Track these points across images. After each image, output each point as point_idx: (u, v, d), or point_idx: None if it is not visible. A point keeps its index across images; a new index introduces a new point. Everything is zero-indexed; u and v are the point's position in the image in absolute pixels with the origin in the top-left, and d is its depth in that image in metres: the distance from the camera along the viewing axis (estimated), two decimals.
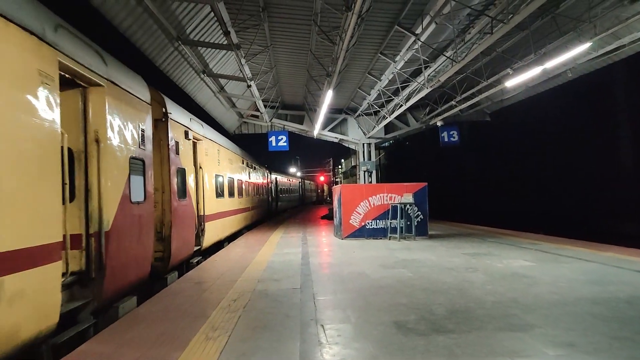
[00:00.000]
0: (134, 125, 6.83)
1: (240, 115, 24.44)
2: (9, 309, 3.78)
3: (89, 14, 10.05)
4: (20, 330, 3.96)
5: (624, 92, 20.79)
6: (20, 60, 4.12)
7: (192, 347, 4.32)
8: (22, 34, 4.18)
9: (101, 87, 5.84)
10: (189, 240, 9.97)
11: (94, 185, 5.70)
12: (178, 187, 9.19)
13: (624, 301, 5.60)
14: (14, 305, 3.84)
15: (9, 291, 3.78)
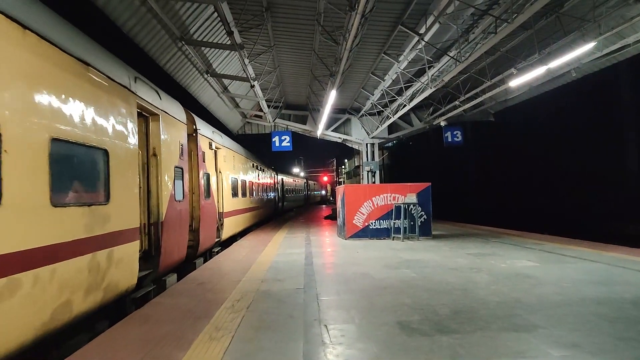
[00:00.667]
0: (176, 141, 8.83)
1: (243, 115, 24.48)
2: (115, 269, 5.82)
3: (93, 14, 10.07)
4: (120, 284, 6.01)
5: (628, 92, 20.69)
6: (120, 104, 6.20)
7: (195, 347, 4.33)
8: (121, 88, 6.31)
9: (157, 115, 7.84)
10: (212, 232, 11.76)
11: (154, 187, 7.75)
12: (205, 188, 10.99)
13: (629, 302, 5.57)
14: (118, 267, 5.90)
15: (115, 258, 5.82)
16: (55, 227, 4.56)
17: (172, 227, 8.26)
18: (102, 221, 5.57)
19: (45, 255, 4.33)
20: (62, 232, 4.67)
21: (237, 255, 11.07)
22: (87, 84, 5.35)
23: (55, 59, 4.71)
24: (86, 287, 5.13)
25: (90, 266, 5.23)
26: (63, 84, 4.82)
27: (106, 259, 5.62)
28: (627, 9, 12.13)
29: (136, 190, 6.67)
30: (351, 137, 25.54)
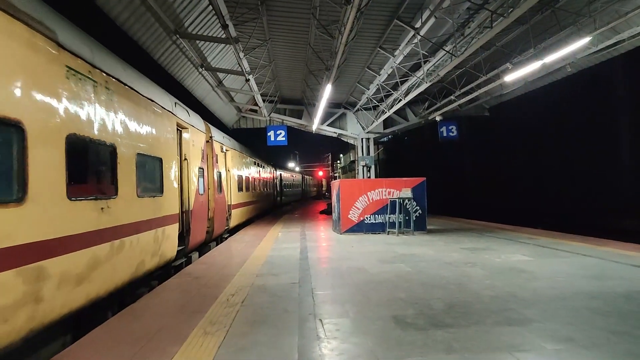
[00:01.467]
0: (199, 147, 11.13)
1: (238, 109, 24.37)
2: (165, 242, 8.08)
3: (87, 7, 9.97)
4: (167, 253, 8.29)
5: (623, 87, 20.77)
6: (168, 124, 8.52)
7: (190, 341, 4.32)
8: (169, 113, 8.62)
9: (187, 129, 10.01)
10: (223, 221, 14.13)
11: (185, 184, 9.76)
12: (218, 185, 13.27)
13: (622, 296, 5.61)
14: (166, 241, 8.15)
15: (166, 234, 8.09)
16: (140, 210, 6.96)
17: (197, 215, 10.50)
18: (160, 208, 7.88)
19: (135, 229, 6.75)
20: (143, 213, 7.10)
21: (232, 249, 11.05)
22: (151, 114, 7.66)
23: (139, 101, 7.14)
24: (152, 252, 7.48)
25: (154, 238, 7.58)
26: (141, 116, 7.17)
27: (161, 234, 7.91)
28: (622, 4, 12.14)
29: (177, 186, 9.01)
30: (347, 131, 25.50)
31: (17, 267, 3.97)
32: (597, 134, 21.90)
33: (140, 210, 6.92)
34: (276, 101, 23.70)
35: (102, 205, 5.68)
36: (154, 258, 7.55)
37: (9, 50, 4.03)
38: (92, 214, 5.43)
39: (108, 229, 5.84)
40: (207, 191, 11.91)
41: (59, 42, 4.88)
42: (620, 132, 20.95)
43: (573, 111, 23.19)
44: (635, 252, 8.90)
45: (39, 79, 4.46)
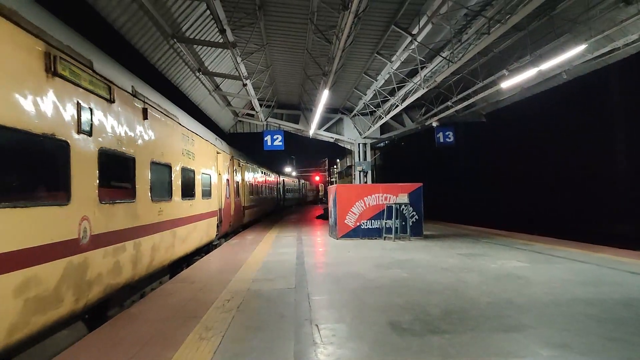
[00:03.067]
0: (226, 165, 15.69)
1: (235, 114, 24.37)
2: (210, 228, 12.46)
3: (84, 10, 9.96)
4: (211, 236, 12.65)
5: (618, 94, 20.90)
6: (213, 154, 13.47)
7: (185, 347, 4.29)
8: (214, 147, 13.58)
9: (221, 154, 14.49)
10: (240, 218, 18.75)
11: (220, 191, 14.09)
12: (236, 191, 17.84)
13: (618, 302, 5.62)
14: (211, 227, 12.51)
15: (211, 223, 12.56)
16: (202, 207, 11.33)
17: (225, 213, 14.90)
18: (209, 206, 12.25)
19: (199, 218, 11.01)
20: (204, 208, 11.45)
21: (228, 254, 11.01)
22: (207, 148, 12.43)
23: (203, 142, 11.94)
24: (204, 233, 11.73)
25: (208, 224, 12.03)
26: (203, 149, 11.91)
27: (208, 223, 12.14)
28: (618, 12, 12.26)
29: (217, 192, 13.49)
30: (343, 137, 25.54)
31: (164, 230, 8.30)
32: (593, 140, 21.99)
33: (202, 207, 11.46)
34: (273, 106, 23.72)
35: (190, 202, 10.27)
36: (206, 237, 12.02)
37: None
38: (187, 206, 9.96)
39: (193, 216, 10.52)
40: (230, 196, 16.21)
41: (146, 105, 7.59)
42: (616, 138, 21.05)
43: (569, 117, 23.29)
44: (631, 259, 8.93)
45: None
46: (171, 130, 9.02)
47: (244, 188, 19.73)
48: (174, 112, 9.46)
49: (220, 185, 14.08)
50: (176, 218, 8.98)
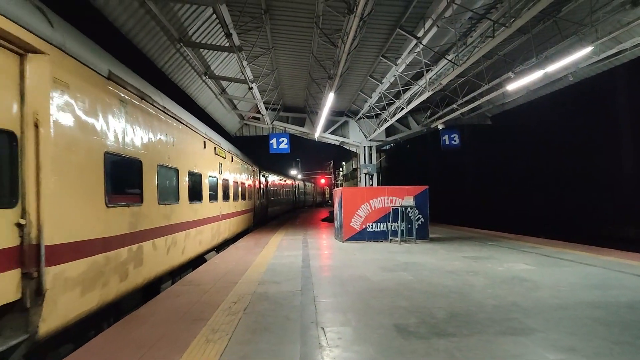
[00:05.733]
0: (255, 177, 22.49)
1: (241, 117, 24.48)
2: (249, 220, 19.97)
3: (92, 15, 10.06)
4: (248, 225, 19.89)
5: (625, 96, 20.78)
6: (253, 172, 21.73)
7: (192, 349, 4.32)
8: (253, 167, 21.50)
9: (255, 170, 22.64)
10: (265, 215, 25.65)
11: (253, 196, 21.36)
12: (263, 194, 25.12)
13: (625, 305, 5.59)
14: (249, 220, 20.05)
15: (249, 216, 19.94)
16: (243, 205, 18.06)
17: (256, 210, 21.74)
18: (247, 205, 18.82)
19: (239, 213, 17.06)
20: (240, 208, 17.25)
21: (234, 257, 11.05)
22: (250, 168, 20.50)
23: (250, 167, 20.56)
24: (247, 222, 19.14)
25: (247, 217, 19.15)
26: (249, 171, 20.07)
27: (247, 216, 19.01)
28: (624, 14, 12.19)
29: (252, 197, 20.49)
30: (349, 139, 25.57)
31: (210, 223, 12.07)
32: (600, 142, 21.88)
33: (243, 205, 17.80)
34: (279, 109, 23.81)
35: (236, 204, 16.11)
36: (245, 226, 18.29)
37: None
38: (235, 204, 15.77)
39: (240, 211, 16.95)
40: (259, 199, 23.76)
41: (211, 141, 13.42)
42: (623, 140, 20.93)
43: (575, 120, 23.19)
44: (638, 262, 8.87)
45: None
46: (236, 163, 16.64)
47: (267, 193, 27.47)
48: (236, 152, 17.12)
49: (253, 192, 21.29)
50: (238, 210, 16.87)
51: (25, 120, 4.29)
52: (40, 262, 4.27)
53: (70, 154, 4.92)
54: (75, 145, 5.03)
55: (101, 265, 5.53)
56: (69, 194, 4.87)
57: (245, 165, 18.60)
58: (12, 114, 4.17)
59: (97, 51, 5.87)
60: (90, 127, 5.39)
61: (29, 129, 4.31)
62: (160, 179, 7.69)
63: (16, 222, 4.18)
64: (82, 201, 5.18)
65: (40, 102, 4.41)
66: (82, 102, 5.20)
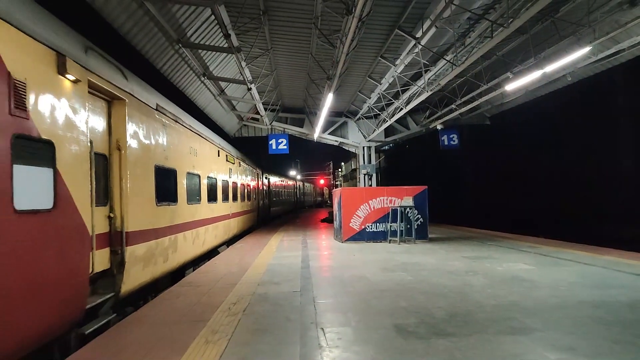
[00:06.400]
0: (259, 179, 24.14)
1: (240, 118, 24.46)
2: (252, 219, 20.98)
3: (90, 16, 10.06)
4: (253, 224, 21.27)
5: (623, 96, 20.82)
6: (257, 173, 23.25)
7: (191, 351, 4.32)
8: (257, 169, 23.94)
9: (259, 173, 24.26)
10: (267, 214, 27.31)
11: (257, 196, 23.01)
12: (265, 195, 26.49)
13: (625, 305, 5.60)
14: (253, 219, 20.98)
15: (252, 216, 20.85)
16: (247, 205, 19.06)
17: (260, 210, 23.62)
18: (252, 205, 20.18)
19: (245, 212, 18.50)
20: (246, 208, 18.68)
21: (234, 258, 11.04)
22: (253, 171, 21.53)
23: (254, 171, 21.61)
24: (251, 221, 20.31)
25: (251, 216, 20.05)
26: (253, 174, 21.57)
27: (252, 215, 20.47)
28: (622, 14, 12.20)
29: (255, 197, 21.95)
30: (348, 140, 25.57)
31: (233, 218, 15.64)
32: (598, 142, 21.91)
33: (249, 205, 19.11)
34: (278, 110, 23.80)
35: (242, 204, 17.51)
36: (249, 224, 19.29)
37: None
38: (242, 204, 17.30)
39: (246, 211, 18.49)
40: (262, 199, 24.95)
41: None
42: (622, 140, 20.96)
43: (574, 119, 23.23)
44: (637, 261, 8.88)
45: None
46: (242, 168, 18.14)
47: (270, 194, 28.91)
48: (243, 157, 18.65)
49: (257, 193, 22.64)
50: (245, 210, 18.25)
51: (112, 146, 6.29)
52: (122, 243, 6.20)
53: (137, 167, 6.77)
54: (139, 161, 6.91)
55: (153, 249, 7.37)
56: (136, 196, 6.72)
57: (250, 169, 20.11)
58: (104, 142, 6.16)
59: (150, 90, 7.85)
60: (147, 147, 7.26)
61: (114, 152, 6.30)
62: (188, 183, 9.69)
63: (107, 215, 6.15)
64: (143, 201, 7.04)
65: (120, 132, 6.36)
66: (142, 129, 7.07)
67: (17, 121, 4.03)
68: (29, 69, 4.27)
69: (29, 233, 4.11)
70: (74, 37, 5.37)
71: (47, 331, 4.42)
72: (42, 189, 4.41)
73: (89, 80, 5.44)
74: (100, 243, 5.77)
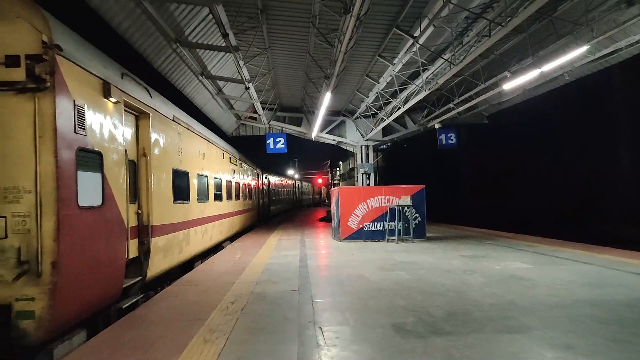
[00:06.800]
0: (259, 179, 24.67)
1: (238, 117, 24.45)
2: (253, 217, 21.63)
3: (88, 15, 10.03)
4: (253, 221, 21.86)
5: (620, 95, 20.86)
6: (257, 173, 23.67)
7: (189, 349, 4.31)
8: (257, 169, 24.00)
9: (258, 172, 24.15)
10: (267, 212, 28.37)
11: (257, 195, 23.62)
12: (265, 194, 27.49)
13: (622, 303, 5.61)
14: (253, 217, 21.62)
15: (253, 214, 21.33)
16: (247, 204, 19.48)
17: (260, 209, 24.40)
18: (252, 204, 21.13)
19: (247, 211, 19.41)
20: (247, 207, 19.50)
21: (231, 257, 11.03)
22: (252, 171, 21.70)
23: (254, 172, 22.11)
24: (251, 219, 20.83)
25: (251, 215, 20.84)
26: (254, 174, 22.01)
27: (253, 213, 21.30)
28: (619, 14, 12.23)
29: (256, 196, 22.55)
30: (346, 139, 25.59)
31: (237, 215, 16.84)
32: (596, 141, 21.95)
33: (250, 204, 19.92)
34: (276, 109, 23.80)
35: (244, 202, 18.37)
36: (250, 222, 20.01)
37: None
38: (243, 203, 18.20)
39: (247, 209, 19.19)
40: (262, 198, 25.52)
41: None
42: (620, 139, 21.00)
43: (571, 118, 23.26)
44: (635, 260, 8.90)
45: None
46: (244, 169, 18.87)
47: (269, 193, 29.65)
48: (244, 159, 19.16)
49: (257, 193, 23.23)
50: (246, 208, 19.08)
51: (139, 153, 7.39)
52: (148, 235, 7.30)
53: (158, 170, 7.90)
54: (160, 165, 8.02)
55: (171, 241, 8.48)
56: (159, 195, 7.85)
57: (250, 170, 20.94)
58: (133, 150, 7.21)
59: (168, 104, 8.99)
60: (166, 153, 8.39)
61: (141, 158, 7.42)
62: (198, 183, 10.78)
63: (136, 212, 7.19)
64: (163, 199, 8.15)
65: (145, 141, 7.48)
66: (162, 137, 8.21)
67: (79, 138, 5.23)
68: (85, 96, 5.44)
69: (88, 224, 5.32)
70: (114, 65, 6.53)
71: (100, 301, 5.64)
72: (94, 190, 5.61)
73: (125, 100, 6.57)
74: (131, 234, 6.85)
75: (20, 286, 4.49)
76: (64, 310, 4.76)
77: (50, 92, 4.75)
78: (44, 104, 4.72)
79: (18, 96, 4.68)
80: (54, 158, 4.72)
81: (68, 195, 4.90)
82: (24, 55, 4.71)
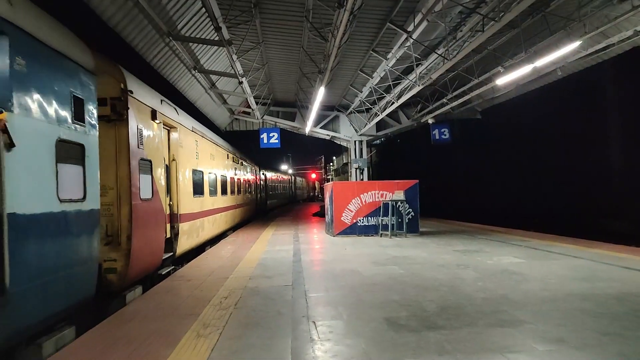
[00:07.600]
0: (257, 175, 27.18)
1: (231, 111, 24.32)
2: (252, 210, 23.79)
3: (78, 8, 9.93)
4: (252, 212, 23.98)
5: (612, 90, 21.00)
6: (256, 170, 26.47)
7: (183, 344, 4.30)
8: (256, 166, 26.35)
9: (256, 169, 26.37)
10: (265, 206, 30.66)
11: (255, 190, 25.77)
12: (263, 189, 29.91)
13: (613, 297, 5.66)
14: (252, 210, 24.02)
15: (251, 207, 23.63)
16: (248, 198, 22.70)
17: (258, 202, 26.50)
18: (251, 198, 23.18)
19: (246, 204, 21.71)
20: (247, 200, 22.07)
21: (225, 252, 11.02)
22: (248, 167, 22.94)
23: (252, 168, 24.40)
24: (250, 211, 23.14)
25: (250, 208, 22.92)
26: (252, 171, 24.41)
27: (251, 207, 23.40)
28: (612, 9, 12.29)
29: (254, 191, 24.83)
30: (340, 134, 25.56)
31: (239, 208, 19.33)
32: (588, 137, 22.09)
33: (248, 198, 22.21)
34: (269, 103, 23.70)
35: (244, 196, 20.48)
36: (249, 214, 22.32)
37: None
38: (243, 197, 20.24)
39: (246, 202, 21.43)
40: (260, 193, 27.56)
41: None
42: (611, 134, 21.15)
43: (564, 114, 23.39)
44: (625, 254, 9.00)
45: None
46: (243, 166, 20.43)
47: (266, 188, 31.98)
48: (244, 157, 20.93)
49: (255, 187, 25.23)
50: (245, 202, 20.80)
51: (170, 158, 9.51)
52: (177, 221, 9.57)
53: (183, 171, 10.12)
54: (184, 167, 10.20)
55: (191, 226, 10.69)
56: (183, 190, 10.04)
57: (249, 166, 23.12)
58: (167, 156, 9.12)
59: (189, 118, 11.22)
60: (188, 157, 10.63)
61: (171, 162, 9.53)
62: (209, 180, 13.07)
63: (169, 203, 9.28)
64: (187, 193, 10.37)
65: (174, 149, 9.69)
66: (185, 145, 10.40)
67: (140, 151, 7.23)
68: (142, 121, 7.46)
69: (146, 211, 7.36)
70: (156, 95, 8.63)
71: (150, 266, 7.89)
72: (148, 187, 7.57)
73: (163, 120, 8.65)
74: (167, 220, 9.04)
75: (107, 251, 6.48)
76: (134, 269, 6.82)
77: (125, 121, 6.77)
78: (121, 129, 6.79)
79: (106, 125, 6.58)
80: (128, 166, 6.77)
81: (135, 191, 6.91)
82: (109, 97, 6.62)
